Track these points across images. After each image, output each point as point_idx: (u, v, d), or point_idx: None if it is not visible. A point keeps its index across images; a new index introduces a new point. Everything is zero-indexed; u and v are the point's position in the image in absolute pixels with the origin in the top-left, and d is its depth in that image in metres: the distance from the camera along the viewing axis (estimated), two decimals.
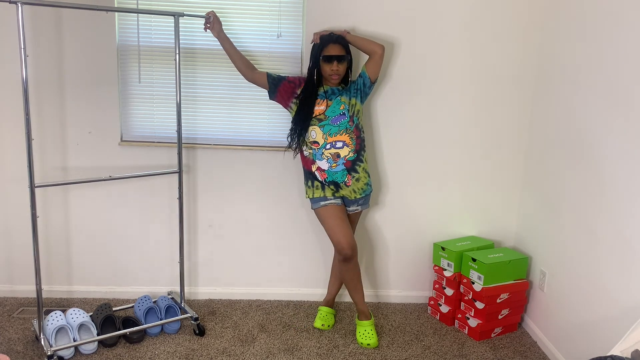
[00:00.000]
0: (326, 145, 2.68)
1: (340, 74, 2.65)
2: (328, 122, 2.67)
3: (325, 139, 2.68)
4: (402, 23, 2.95)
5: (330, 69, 2.61)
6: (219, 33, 2.71)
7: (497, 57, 3.02)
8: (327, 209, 2.73)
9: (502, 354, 2.79)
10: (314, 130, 2.69)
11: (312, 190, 2.77)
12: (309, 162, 2.75)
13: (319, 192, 2.75)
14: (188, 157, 3.07)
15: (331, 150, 2.68)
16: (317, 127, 2.68)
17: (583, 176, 2.52)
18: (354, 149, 2.71)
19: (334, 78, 2.63)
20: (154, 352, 2.66)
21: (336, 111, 2.68)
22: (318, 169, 2.72)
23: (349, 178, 2.72)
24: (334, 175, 2.71)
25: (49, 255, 3.12)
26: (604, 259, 2.33)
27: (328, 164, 2.70)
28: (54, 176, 3.01)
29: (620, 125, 2.25)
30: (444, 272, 3.08)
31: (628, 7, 2.23)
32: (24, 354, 2.60)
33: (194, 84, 3.00)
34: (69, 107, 2.96)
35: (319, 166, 2.72)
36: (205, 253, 3.22)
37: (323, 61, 2.62)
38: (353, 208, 2.84)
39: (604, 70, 2.38)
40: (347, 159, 2.70)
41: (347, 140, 2.69)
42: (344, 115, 2.68)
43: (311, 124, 2.69)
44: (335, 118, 2.67)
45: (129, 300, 3.17)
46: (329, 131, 2.67)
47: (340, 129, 2.67)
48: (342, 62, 2.63)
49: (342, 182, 2.72)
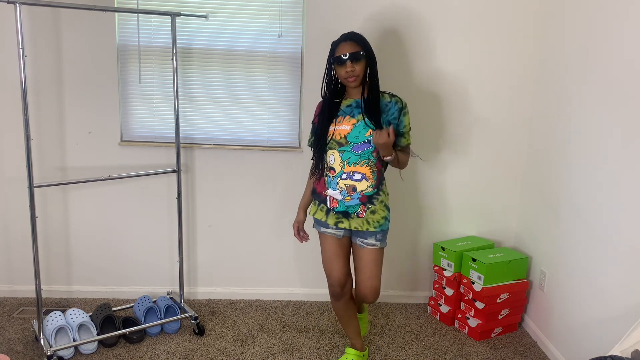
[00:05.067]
0: (342, 175, 2.29)
1: (358, 75, 2.21)
2: (349, 148, 2.27)
3: (342, 167, 2.29)
4: (402, 23, 2.95)
5: (344, 72, 2.20)
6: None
7: (497, 56, 3.02)
8: (324, 238, 2.43)
9: (502, 354, 2.79)
10: (333, 155, 2.30)
11: (316, 209, 2.44)
12: (323, 187, 2.39)
13: (321, 215, 2.40)
14: (188, 157, 3.07)
15: (347, 181, 2.29)
16: (337, 151, 2.29)
17: (583, 176, 2.52)
18: (373, 184, 2.30)
19: (350, 80, 2.21)
20: (154, 352, 2.66)
21: (360, 137, 2.26)
22: (330, 197, 2.36)
23: (363, 209, 2.32)
24: (347, 208, 2.34)
25: (48, 255, 3.12)
26: (604, 259, 2.33)
27: (341, 196, 2.31)
28: (54, 176, 3.01)
29: (620, 125, 2.24)
30: (444, 272, 3.08)
31: (628, 6, 2.23)
32: (24, 354, 2.59)
33: (193, 83, 3.00)
34: (68, 107, 2.96)
35: (331, 195, 2.35)
36: (205, 253, 3.21)
37: (336, 65, 2.21)
38: (368, 242, 2.36)
39: (604, 71, 2.38)
40: (363, 193, 2.30)
41: (368, 173, 2.28)
42: (369, 144, 2.26)
43: (330, 147, 2.31)
44: (358, 146, 2.26)
45: (128, 300, 3.17)
46: (347, 159, 2.27)
47: (362, 159, 2.26)
48: (358, 61, 2.18)
49: (354, 212, 2.33)
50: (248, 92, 3.03)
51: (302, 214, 2.53)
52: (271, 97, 3.04)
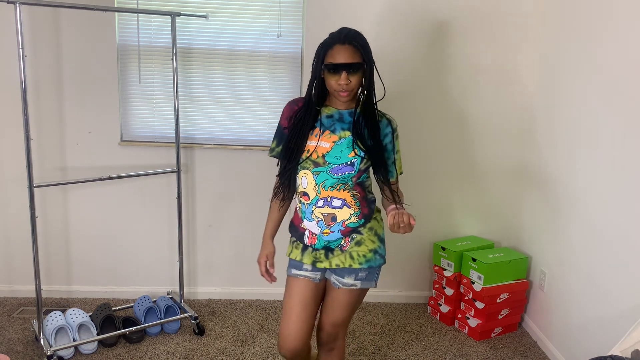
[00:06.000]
0: (317, 201, 1.83)
1: (353, 89, 1.75)
2: (326, 170, 1.80)
3: (317, 191, 1.82)
4: (403, 23, 2.95)
5: (336, 84, 1.73)
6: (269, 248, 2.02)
7: (496, 56, 3.02)
8: (294, 282, 1.90)
9: (502, 354, 2.79)
10: (305, 177, 1.83)
11: (291, 248, 1.97)
12: (299, 218, 1.93)
13: (296, 254, 1.93)
14: (188, 157, 3.07)
15: (325, 209, 1.83)
16: (310, 173, 1.82)
17: (583, 176, 2.52)
18: (358, 212, 1.84)
19: (342, 95, 1.75)
20: (154, 352, 2.66)
21: (342, 158, 1.80)
22: (309, 231, 1.89)
23: (347, 241, 1.86)
24: (327, 243, 1.87)
25: (48, 255, 3.12)
26: (604, 259, 2.33)
27: (319, 229, 1.85)
28: (54, 176, 3.01)
29: (621, 124, 2.24)
30: (444, 272, 3.08)
31: (627, 4, 2.23)
32: (24, 354, 2.59)
33: (193, 83, 3.00)
34: (68, 107, 2.96)
35: (309, 228, 1.88)
36: (205, 253, 3.21)
37: (327, 71, 1.74)
38: (345, 281, 1.87)
39: (605, 69, 2.38)
40: (346, 224, 1.84)
41: (348, 198, 1.83)
42: (351, 167, 1.80)
43: (302, 167, 1.83)
44: (338, 168, 1.80)
45: (128, 300, 3.17)
46: (323, 182, 1.81)
47: (340, 182, 1.81)
48: (356, 73, 1.73)
49: (337, 246, 1.86)
50: (248, 92, 3.03)
51: (270, 243, 1.99)
52: (271, 97, 3.04)
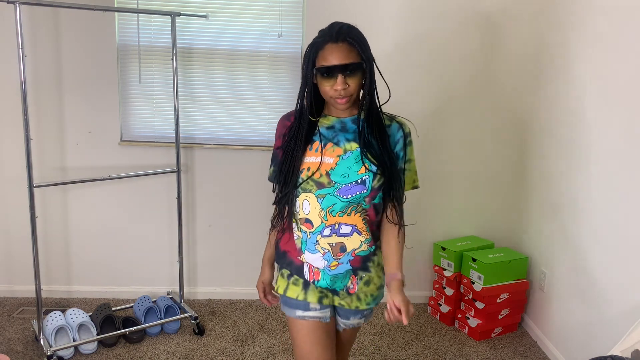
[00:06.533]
0: (324, 230, 1.56)
1: (352, 94, 1.49)
2: (333, 191, 1.53)
3: (324, 218, 1.55)
4: (404, 22, 2.95)
5: (332, 90, 1.46)
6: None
7: (495, 55, 3.02)
8: (305, 326, 1.62)
9: (502, 354, 2.79)
10: (308, 201, 1.56)
11: (286, 284, 1.65)
12: (294, 248, 1.63)
13: (297, 292, 1.63)
14: (188, 157, 3.07)
15: (332, 238, 1.56)
16: (314, 196, 1.54)
17: (583, 176, 2.52)
18: (369, 239, 1.59)
19: (340, 102, 1.49)
20: (154, 352, 2.66)
21: (351, 175, 1.53)
22: (308, 263, 1.61)
23: (354, 282, 1.61)
24: (333, 279, 1.60)
25: (48, 255, 3.12)
26: (604, 259, 2.33)
27: (325, 262, 1.58)
28: (54, 176, 3.01)
29: (621, 124, 2.24)
30: (444, 272, 3.08)
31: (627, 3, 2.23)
32: (24, 354, 2.59)
33: (193, 83, 3.00)
34: (68, 107, 2.96)
35: (310, 262, 1.60)
36: (205, 253, 3.21)
37: (320, 76, 1.47)
38: (352, 322, 1.71)
39: (604, 70, 2.38)
40: (356, 253, 1.59)
41: (359, 224, 1.57)
42: (363, 186, 1.53)
43: (304, 189, 1.56)
44: (347, 188, 1.53)
45: (128, 300, 3.17)
46: (331, 206, 1.54)
47: (350, 205, 1.54)
48: (354, 75, 1.46)
49: (343, 288, 1.62)
50: (248, 92, 3.03)
51: (267, 270, 1.76)
52: (271, 97, 3.04)
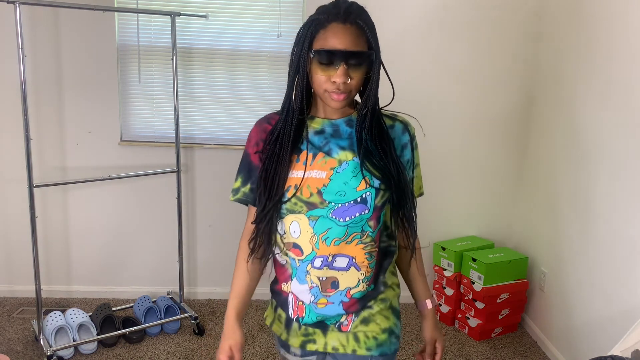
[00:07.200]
0: (314, 260, 1.26)
1: (352, 91, 1.19)
2: (327, 212, 1.23)
3: (315, 244, 1.25)
4: (406, 21, 2.95)
5: (329, 81, 1.16)
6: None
7: (495, 55, 3.02)
8: None
9: (502, 354, 2.79)
10: (297, 223, 1.26)
11: (273, 317, 1.45)
12: (284, 273, 1.35)
13: (279, 329, 1.41)
14: (188, 157, 3.07)
15: (324, 271, 1.27)
16: (305, 217, 1.25)
17: (583, 176, 2.52)
18: (369, 277, 1.29)
19: (336, 98, 1.17)
20: (154, 352, 2.66)
21: (348, 192, 1.23)
22: (292, 294, 1.34)
23: (349, 319, 1.31)
24: (321, 315, 1.31)
25: (48, 255, 3.12)
26: (604, 259, 2.33)
27: (312, 296, 1.30)
28: (54, 176, 3.01)
29: (621, 124, 2.24)
30: (444, 272, 3.08)
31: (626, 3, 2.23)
32: (24, 354, 2.59)
33: (193, 83, 3.00)
34: (68, 107, 2.96)
35: (295, 293, 1.33)
36: (205, 253, 3.21)
37: (316, 61, 1.16)
38: None
39: (603, 70, 2.38)
40: (351, 294, 1.29)
41: (360, 256, 1.27)
42: (364, 205, 1.24)
43: (291, 210, 1.26)
44: (344, 208, 1.23)
45: (128, 300, 3.17)
46: (325, 231, 1.24)
47: (351, 231, 1.25)
48: (359, 67, 1.17)
49: (335, 323, 1.32)
50: (248, 92, 3.03)
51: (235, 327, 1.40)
52: (271, 97, 3.04)
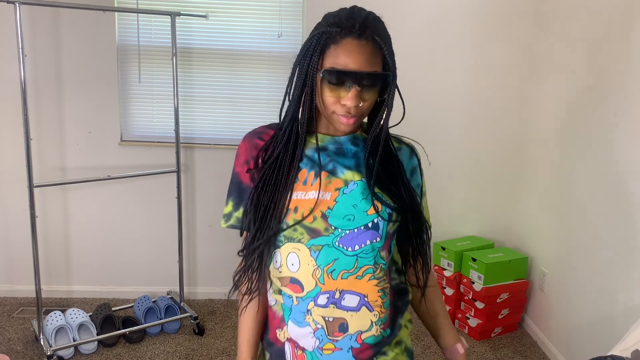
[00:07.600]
0: (318, 297, 1.11)
1: (363, 114, 1.08)
2: (333, 241, 1.09)
3: (319, 279, 1.10)
4: (405, 23, 2.95)
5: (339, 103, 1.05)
6: None
7: (496, 56, 3.02)
8: None
9: (502, 354, 2.79)
10: (296, 254, 1.11)
11: None
12: (274, 317, 1.19)
13: None
14: (188, 157, 3.07)
15: (329, 310, 1.11)
16: (305, 247, 1.10)
17: (583, 176, 2.52)
18: (383, 319, 1.14)
19: (345, 122, 1.06)
20: (154, 352, 2.66)
21: (358, 216, 1.10)
22: (291, 342, 1.16)
23: None
24: None
25: (48, 255, 3.12)
26: (604, 259, 2.33)
27: (316, 340, 1.12)
28: (54, 176, 3.01)
29: (622, 124, 2.24)
30: (444, 272, 3.08)
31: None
32: (24, 354, 2.59)
33: (193, 83, 3.00)
34: (68, 107, 2.96)
35: (294, 339, 1.15)
36: (205, 253, 3.21)
37: (324, 81, 1.07)
38: None
39: (605, 68, 2.38)
40: (362, 339, 1.12)
41: (372, 294, 1.12)
42: (375, 232, 1.10)
43: (288, 237, 1.11)
44: (352, 235, 1.09)
45: (128, 300, 3.17)
46: (330, 263, 1.10)
47: (361, 263, 1.10)
48: (372, 89, 1.05)
49: None
50: (248, 92, 3.03)
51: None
52: (271, 97, 3.04)
